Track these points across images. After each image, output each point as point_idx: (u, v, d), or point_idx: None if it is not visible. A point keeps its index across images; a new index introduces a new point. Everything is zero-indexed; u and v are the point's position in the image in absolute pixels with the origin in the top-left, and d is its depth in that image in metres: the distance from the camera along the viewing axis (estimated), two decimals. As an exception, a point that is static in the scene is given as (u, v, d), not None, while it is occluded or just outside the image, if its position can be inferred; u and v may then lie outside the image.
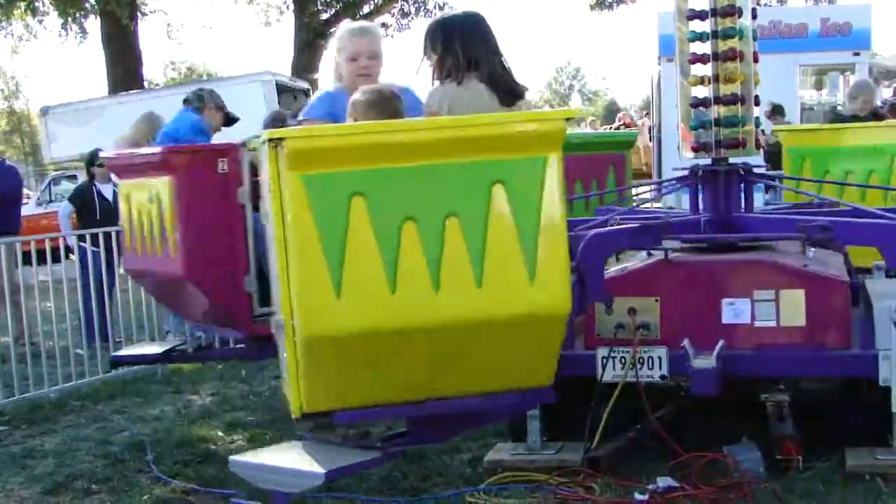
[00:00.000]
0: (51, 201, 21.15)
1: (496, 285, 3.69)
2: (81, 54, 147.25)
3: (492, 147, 3.69)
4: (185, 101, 8.00)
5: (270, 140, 3.66)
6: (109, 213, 9.33)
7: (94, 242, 8.97)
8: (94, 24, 26.27)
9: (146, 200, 5.66)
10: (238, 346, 6.45)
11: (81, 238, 9.21)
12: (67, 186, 22.73)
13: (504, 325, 3.73)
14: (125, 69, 24.19)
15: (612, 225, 5.53)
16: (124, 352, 6.87)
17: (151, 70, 49.08)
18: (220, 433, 6.30)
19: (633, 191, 8.82)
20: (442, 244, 3.64)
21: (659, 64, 17.11)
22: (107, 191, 9.81)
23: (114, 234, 8.37)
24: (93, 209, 9.78)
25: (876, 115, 9.38)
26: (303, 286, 3.65)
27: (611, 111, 77.27)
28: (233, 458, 4.21)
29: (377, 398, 3.85)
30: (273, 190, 3.67)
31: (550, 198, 3.73)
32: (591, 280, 4.74)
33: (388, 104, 4.53)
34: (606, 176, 7.86)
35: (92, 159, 9.96)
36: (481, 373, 3.87)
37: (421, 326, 3.67)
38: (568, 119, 3.87)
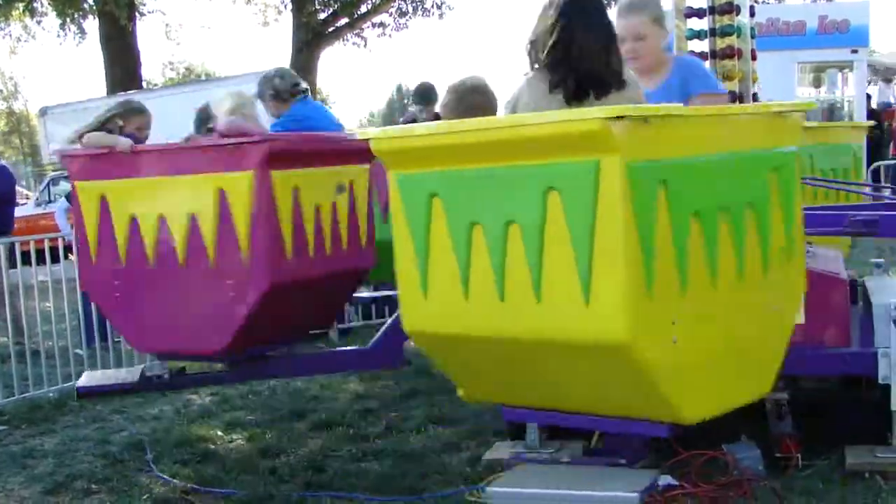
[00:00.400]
0: (50, 201, 21.13)
1: (552, 303, 3.42)
2: (80, 55, 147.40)
3: (542, 150, 3.37)
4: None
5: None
6: None
7: None
8: (92, 24, 26.30)
9: (331, 191, 5.58)
10: (218, 371, 6.18)
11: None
12: (66, 187, 22.69)
13: (560, 348, 3.49)
14: (124, 69, 24.19)
15: None
16: (88, 381, 6.06)
17: (150, 70, 49.01)
18: (219, 433, 6.30)
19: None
20: (504, 252, 3.50)
21: (657, 62, 17.08)
22: None
23: None
24: None
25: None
26: (402, 284, 3.78)
27: (609, 110, 77.28)
28: (497, 490, 3.77)
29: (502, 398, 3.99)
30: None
31: (608, 208, 3.25)
32: None
33: (463, 101, 4.40)
34: None
35: None
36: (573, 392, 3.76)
37: (487, 336, 3.61)
38: (620, 118, 3.22)
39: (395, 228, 3.77)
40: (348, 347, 6.25)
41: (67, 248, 9.12)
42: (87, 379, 6.13)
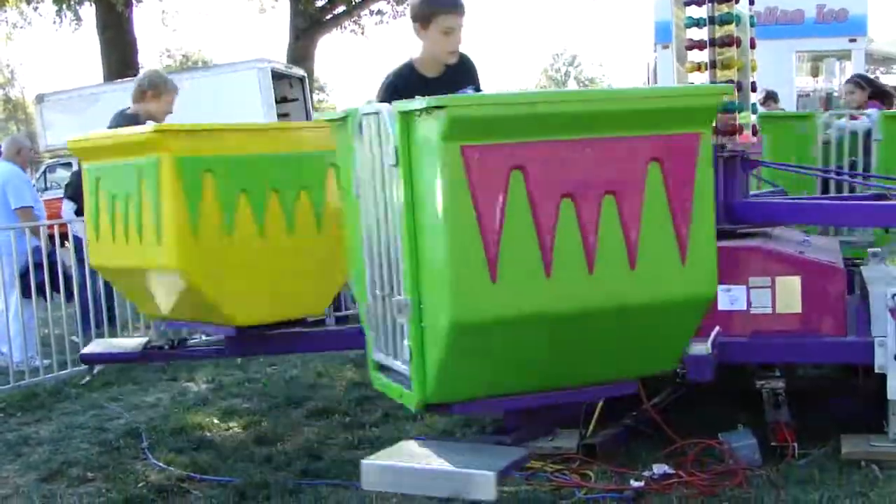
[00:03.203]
0: (46, 189, 21.12)
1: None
2: (76, 42, 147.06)
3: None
4: None
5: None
6: None
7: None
8: (88, 11, 26.21)
9: None
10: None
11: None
12: (63, 174, 22.68)
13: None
14: (120, 57, 24.12)
15: None
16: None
17: (147, 57, 48.97)
18: (215, 420, 6.30)
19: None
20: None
21: (655, 51, 17.10)
22: None
23: None
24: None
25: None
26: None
27: (607, 98, 77.23)
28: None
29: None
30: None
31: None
32: None
33: None
34: None
35: None
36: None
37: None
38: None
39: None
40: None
41: (64, 236, 9.14)
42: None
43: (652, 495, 4.57)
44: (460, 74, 5.03)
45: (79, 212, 9.41)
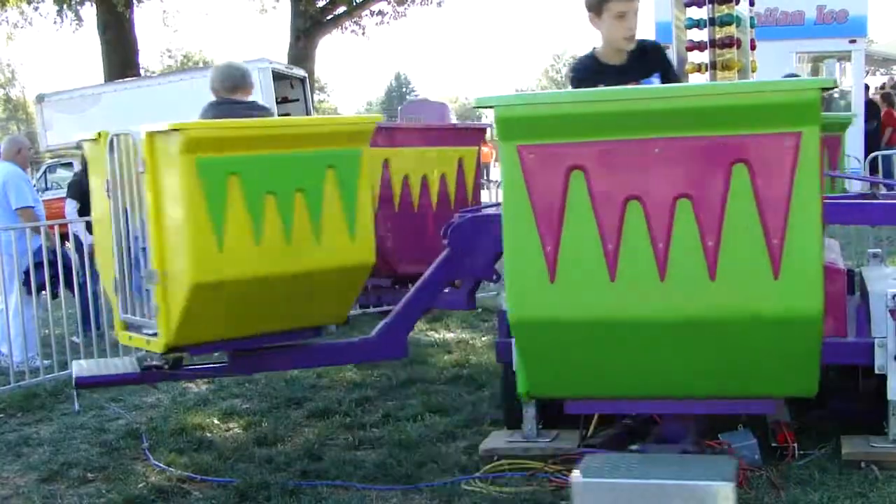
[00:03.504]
0: (47, 189, 21.10)
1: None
2: (77, 42, 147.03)
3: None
4: None
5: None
6: None
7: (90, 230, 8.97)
8: (89, 11, 26.25)
9: None
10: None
11: (87, 227, 9.20)
12: (63, 174, 22.66)
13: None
14: (121, 57, 24.14)
15: None
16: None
17: (148, 57, 49.08)
18: (215, 421, 6.30)
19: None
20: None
21: (656, 51, 17.05)
22: None
23: None
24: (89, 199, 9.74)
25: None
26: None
27: (607, 99, 77.19)
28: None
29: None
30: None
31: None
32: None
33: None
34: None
35: None
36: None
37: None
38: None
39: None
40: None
41: (64, 237, 9.14)
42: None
43: (652, 496, 4.56)
44: (645, 62, 4.90)
45: (81, 211, 9.44)
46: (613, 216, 3.33)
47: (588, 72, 4.80)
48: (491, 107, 3.36)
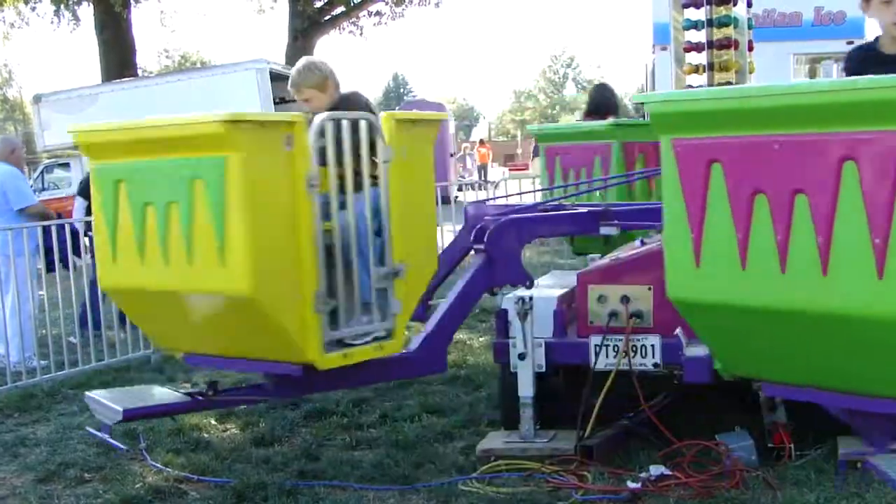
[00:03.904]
0: (44, 189, 21.09)
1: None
2: (74, 42, 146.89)
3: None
4: None
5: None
6: None
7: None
8: (87, 11, 26.23)
9: None
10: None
11: (89, 226, 9.25)
12: (60, 174, 22.66)
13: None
14: (119, 57, 24.13)
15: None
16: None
17: (145, 58, 49.05)
18: (213, 421, 6.29)
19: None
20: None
21: (653, 52, 17.10)
22: None
23: None
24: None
25: None
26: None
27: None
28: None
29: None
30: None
31: None
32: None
33: None
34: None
35: None
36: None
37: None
38: None
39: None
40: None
41: (74, 234, 9.17)
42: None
43: (649, 497, 4.57)
44: None
45: (88, 213, 9.49)
46: (743, 208, 3.52)
47: (861, 62, 4.61)
48: (646, 103, 3.69)
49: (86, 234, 9.03)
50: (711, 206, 3.55)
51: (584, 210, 5.80)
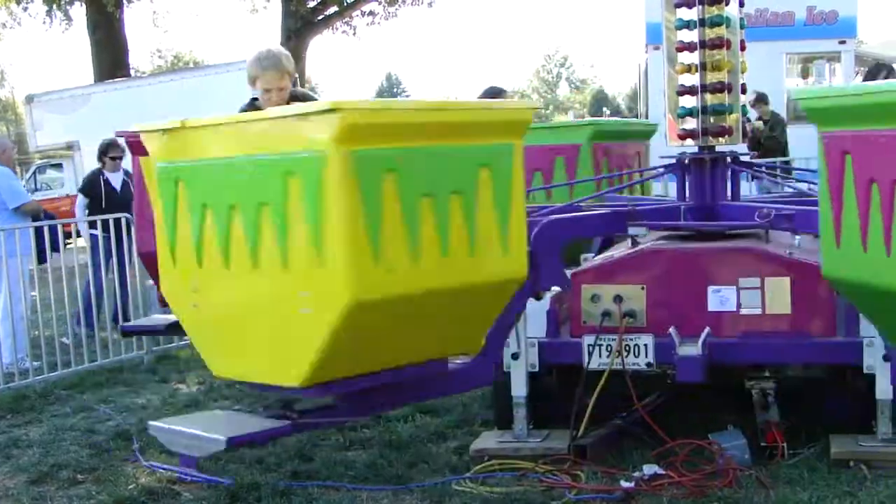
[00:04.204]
0: (36, 189, 21.06)
1: None
2: (67, 42, 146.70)
3: None
4: None
5: None
6: (115, 201, 9.57)
7: (95, 227, 9.09)
8: (79, 11, 26.17)
9: None
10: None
11: (91, 225, 9.26)
12: (53, 175, 22.65)
13: None
14: (111, 57, 24.08)
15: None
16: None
17: (138, 58, 48.92)
18: (206, 422, 6.28)
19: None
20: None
21: (646, 52, 17.10)
22: (115, 179, 9.96)
23: (123, 221, 8.43)
24: (99, 197, 9.87)
25: None
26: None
27: (599, 100, 77.42)
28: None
29: None
30: None
31: None
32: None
33: None
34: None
35: (106, 149, 10.06)
36: None
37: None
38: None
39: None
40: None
41: (68, 234, 9.21)
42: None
43: (642, 496, 4.58)
44: None
45: (91, 212, 9.54)
46: (863, 196, 3.74)
47: None
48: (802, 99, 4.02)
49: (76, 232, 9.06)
50: (846, 195, 3.83)
51: (610, 210, 5.68)
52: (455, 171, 4.10)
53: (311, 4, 27.78)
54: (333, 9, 28.17)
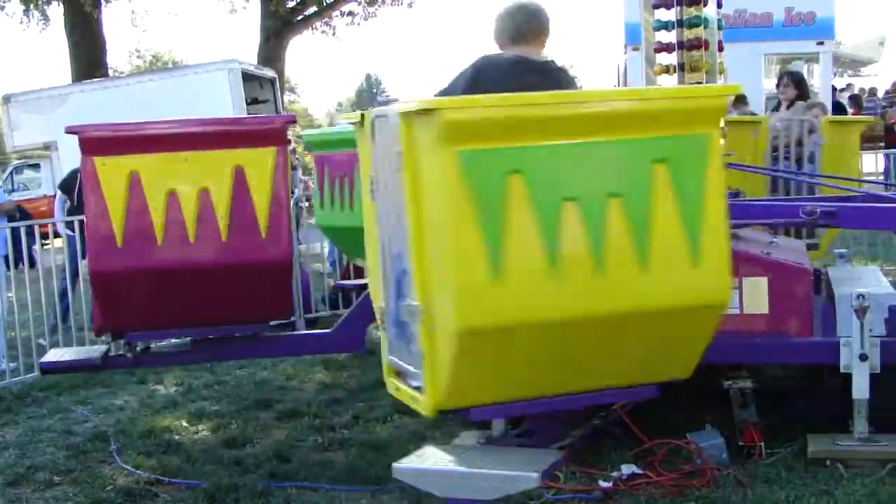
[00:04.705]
0: (13, 190, 20.93)
1: None
2: (44, 41, 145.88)
3: None
4: None
5: None
6: None
7: (71, 228, 9.06)
8: (56, 10, 26.06)
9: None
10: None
11: (68, 225, 9.21)
12: (30, 175, 22.50)
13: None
14: (89, 57, 23.98)
15: None
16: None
17: (116, 58, 48.77)
18: (184, 423, 6.27)
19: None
20: None
21: (625, 52, 17.16)
22: None
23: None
24: (78, 196, 9.85)
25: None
26: None
27: (578, 100, 77.49)
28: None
29: None
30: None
31: None
32: None
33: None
34: None
35: None
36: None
37: None
38: None
39: None
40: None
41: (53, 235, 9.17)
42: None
43: (620, 496, 4.59)
44: None
45: (72, 209, 9.46)
46: None
47: None
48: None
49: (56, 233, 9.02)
50: None
51: None
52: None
53: (291, 5, 27.73)
54: (313, 9, 28.14)
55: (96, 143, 5.16)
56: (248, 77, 19.31)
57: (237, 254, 5.20)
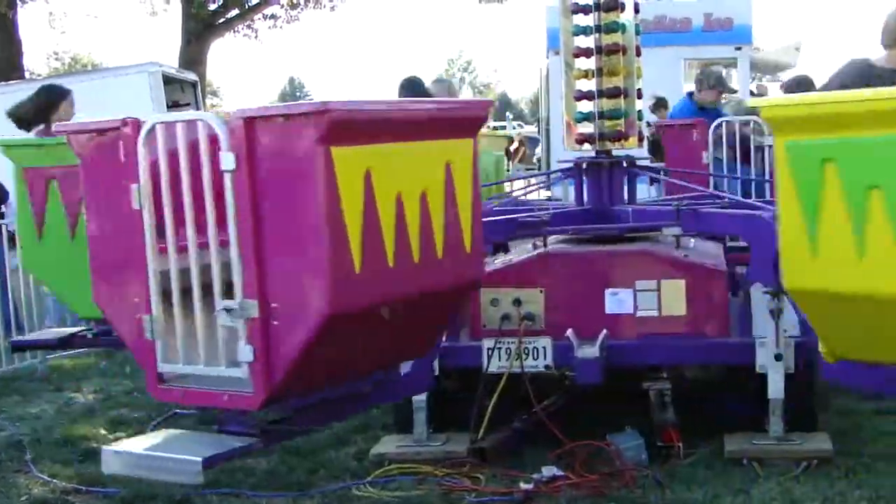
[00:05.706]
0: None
1: None
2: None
3: None
4: None
5: None
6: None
7: None
8: (-29, 11, 25.46)
9: None
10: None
11: None
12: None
13: None
14: (5, 58, 23.48)
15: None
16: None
17: (33, 60, 47.88)
18: (102, 431, 6.17)
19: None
20: None
21: (547, 57, 17.30)
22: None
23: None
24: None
25: None
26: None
27: (502, 104, 77.89)
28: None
29: None
30: None
31: None
32: None
33: None
34: None
35: None
36: None
37: None
38: None
39: None
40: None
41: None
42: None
43: (541, 497, 4.62)
44: None
45: None
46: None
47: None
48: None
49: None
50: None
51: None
52: None
53: (212, 7, 27.45)
54: (235, 12, 27.89)
55: (342, 126, 3.41)
56: (169, 80, 19.07)
57: (452, 276, 3.96)
